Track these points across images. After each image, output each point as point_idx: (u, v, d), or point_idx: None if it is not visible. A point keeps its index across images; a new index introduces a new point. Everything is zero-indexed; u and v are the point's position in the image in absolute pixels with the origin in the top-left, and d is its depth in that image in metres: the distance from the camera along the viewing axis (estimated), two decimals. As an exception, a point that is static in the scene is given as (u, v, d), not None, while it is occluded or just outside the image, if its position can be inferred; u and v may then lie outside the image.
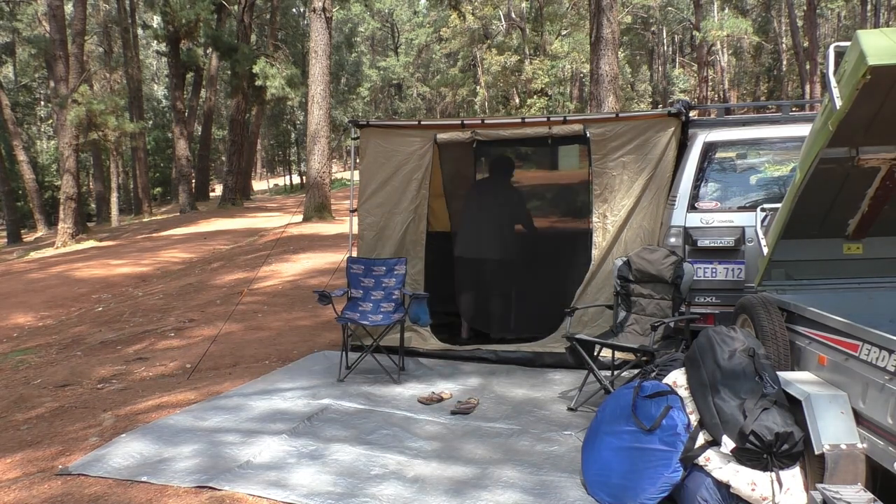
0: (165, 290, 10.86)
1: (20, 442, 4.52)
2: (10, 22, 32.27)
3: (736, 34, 33.71)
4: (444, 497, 3.47)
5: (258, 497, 3.45)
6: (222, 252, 14.80)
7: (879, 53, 2.78)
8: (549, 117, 5.81)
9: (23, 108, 38.53)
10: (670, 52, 47.85)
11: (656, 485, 3.18)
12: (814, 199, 3.75)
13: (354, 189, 6.60)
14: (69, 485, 3.67)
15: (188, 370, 6.04)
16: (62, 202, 20.26)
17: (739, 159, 5.60)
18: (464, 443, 4.20)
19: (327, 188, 17.65)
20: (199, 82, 31.25)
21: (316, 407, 4.80)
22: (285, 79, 23.84)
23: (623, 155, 5.59)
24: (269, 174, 55.37)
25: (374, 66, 47.83)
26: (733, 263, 5.06)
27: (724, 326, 3.48)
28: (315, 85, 16.32)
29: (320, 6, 16.05)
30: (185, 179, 27.53)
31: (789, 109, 5.75)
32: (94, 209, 33.17)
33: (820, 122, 3.30)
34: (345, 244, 10.04)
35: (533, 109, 30.07)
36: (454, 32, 34.33)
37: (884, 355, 2.81)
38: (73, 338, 8.14)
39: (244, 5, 26.40)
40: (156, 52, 41.09)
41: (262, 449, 4.03)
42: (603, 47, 11.45)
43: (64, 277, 12.96)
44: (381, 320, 5.64)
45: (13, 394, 5.81)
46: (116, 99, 22.02)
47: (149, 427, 4.47)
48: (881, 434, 2.82)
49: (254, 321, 7.84)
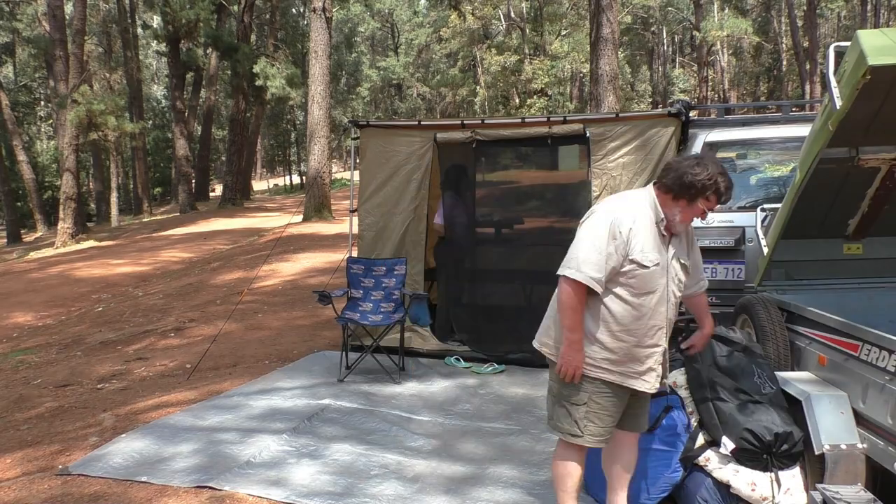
0: (165, 289, 10.86)
1: (20, 441, 4.52)
2: (10, 22, 32.27)
3: (736, 34, 33.71)
4: (443, 497, 3.48)
5: (258, 497, 3.45)
6: (222, 252, 14.80)
7: (879, 53, 2.78)
8: (549, 117, 5.81)
9: (23, 108, 38.54)
10: (670, 52, 47.86)
11: (656, 485, 3.18)
12: (814, 199, 3.75)
13: (354, 189, 6.60)
14: (69, 484, 3.67)
15: (188, 370, 6.04)
16: (62, 202, 20.27)
17: (739, 159, 5.61)
18: (463, 442, 4.20)
19: (327, 188, 17.65)
20: (199, 82, 31.24)
21: (316, 407, 4.80)
22: (286, 79, 23.83)
23: (623, 155, 5.58)
24: (269, 174, 55.35)
25: (373, 66, 47.80)
26: (733, 263, 5.06)
27: (722, 326, 3.48)
28: (315, 85, 16.32)
29: (320, 6, 16.04)
30: (185, 179, 27.53)
31: (789, 109, 5.75)
32: (94, 209, 33.19)
33: (820, 122, 3.30)
34: (344, 244, 10.04)
35: (533, 109, 30.06)
36: (454, 32, 34.30)
37: (884, 355, 2.81)
38: (73, 338, 8.14)
39: (244, 5, 26.39)
40: (156, 52, 41.09)
41: (261, 449, 4.03)
42: (603, 46, 11.46)
43: (64, 277, 12.96)
44: (380, 320, 5.64)
45: (13, 394, 5.81)
46: (116, 99, 22.03)
47: (149, 427, 4.47)
48: (881, 434, 2.82)
49: (253, 321, 7.83)
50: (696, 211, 2.69)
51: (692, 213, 2.69)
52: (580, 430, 2.75)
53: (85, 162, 33.55)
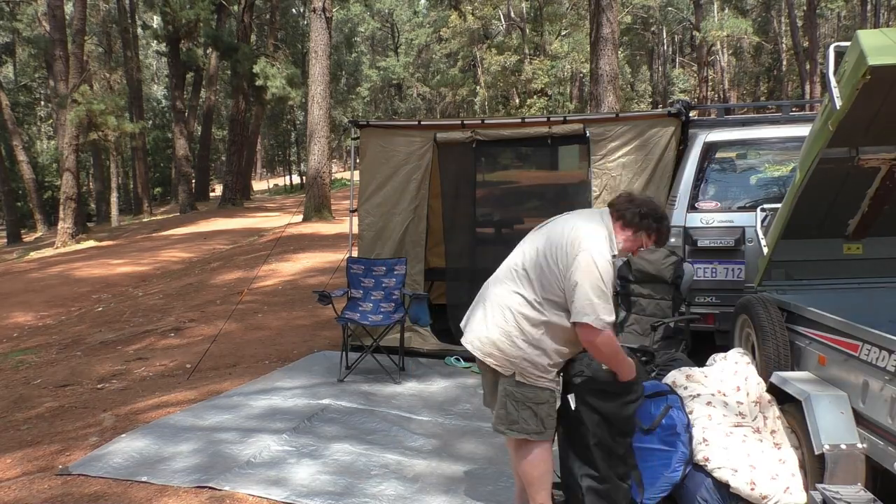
0: (165, 289, 10.86)
1: (20, 441, 4.53)
2: (10, 22, 32.25)
3: (736, 34, 33.70)
4: (443, 496, 3.48)
5: (258, 497, 3.46)
6: (222, 252, 14.80)
7: (879, 53, 2.78)
8: (549, 117, 5.81)
9: (23, 108, 38.53)
10: (670, 52, 47.84)
11: (656, 484, 3.18)
12: (814, 199, 3.75)
13: (354, 189, 6.60)
14: (69, 484, 3.67)
15: (188, 370, 6.04)
16: (62, 202, 20.26)
17: (739, 159, 5.60)
18: (463, 442, 4.20)
19: (327, 188, 17.65)
20: (199, 82, 31.24)
21: (316, 407, 4.80)
22: (286, 79, 23.82)
23: (623, 155, 5.59)
24: (269, 174, 55.33)
25: (373, 66, 47.77)
26: (733, 263, 5.06)
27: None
28: (315, 85, 16.32)
29: (320, 6, 16.05)
30: (185, 179, 27.53)
31: (789, 109, 5.75)
32: (94, 209, 33.18)
33: (820, 122, 3.30)
34: (344, 244, 10.03)
35: (533, 109, 30.04)
36: (454, 32, 34.27)
37: (884, 355, 2.81)
38: (73, 337, 8.14)
39: (244, 5, 26.38)
40: (156, 52, 41.09)
41: (261, 448, 4.03)
42: (603, 46, 11.46)
43: (64, 277, 12.96)
44: (381, 320, 5.64)
45: (13, 394, 5.81)
46: (116, 99, 22.03)
47: (149, 427, 4.47)
48: (881, 434, 2.82)
49: (253, 321, 7.83)
50: (638, 243, 2.96)
51: (634, 244, 2.96)
52: (545, 426, 2.94)
53: (85, 162, 33.55)
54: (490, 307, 2.98)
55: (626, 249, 2.96)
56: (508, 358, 2.88)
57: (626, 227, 2.92)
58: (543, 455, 2.99)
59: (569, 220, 2.95)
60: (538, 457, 2.98)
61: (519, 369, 2.88)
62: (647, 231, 2.93)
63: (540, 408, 2.92)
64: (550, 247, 2.87)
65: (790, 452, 3.16)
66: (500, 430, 2.99)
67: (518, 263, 2.97)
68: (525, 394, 2.91)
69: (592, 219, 2.95)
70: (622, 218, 2.92)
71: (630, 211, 2.91)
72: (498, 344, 2.90)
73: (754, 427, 3.28)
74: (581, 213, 3.06)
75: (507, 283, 2.97)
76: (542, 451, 2.99)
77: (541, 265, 2.87)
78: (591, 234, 2.84)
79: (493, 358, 2.92)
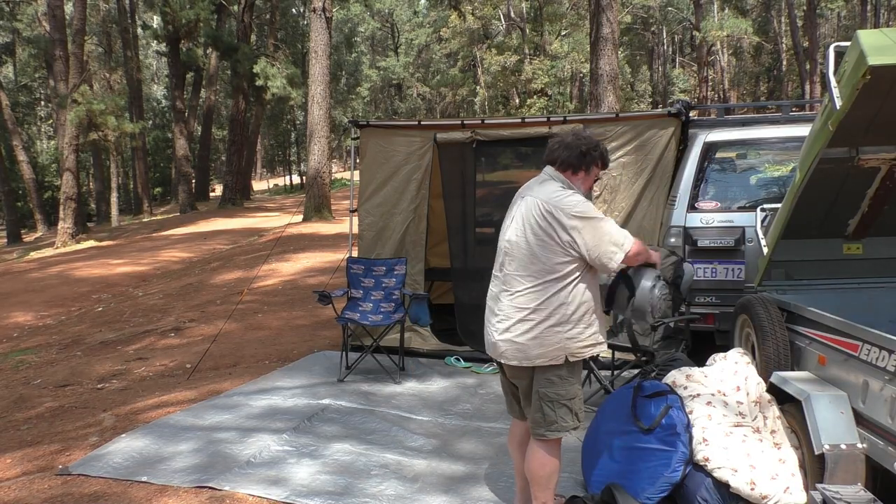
0: (165, 289, 10.86)
1: (20, 441, 4.53)
2: (10, 22, 32.27)
3: (736, 34, 33.70)
4: (443, 496, 3.48)
5: (258, 497, 3.45)
6: (222, 252, 14.81)
7: (879, 53, 2.78)
8: (549, 117, 5.81)
9: (23, 108, 38.54)
10: (670, 52, 47.84)
11: (655, 484, 3.18)
12: (814, 199, 3.75)
13: (354, 189, 6.60)
14: (69, 484, 3.67)
15: (188, 370, 6.04)
16: (62, 202, 20.27)
17: (739, 159, 5.60)
18: (463, 442, 4.20)
19: (327, 188, 17.66)
20: (199, 82, 31.25)
21: (316, 407, 4.80)
22: (286, 78, 23.84)
23: (623, 155, 5.58)
24: (269, 174, 55.35)
25: (373, 66, 47.80)
26: (733, 263, 5.06)
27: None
28: (315, 85, 16.32)
29: (320, 6, 16.05)
30: (185, 179, 27.53)
31: (789, 109, 5.75)
32: (94, 209, 33.18)
33: (820, 122, 3.30)
34: (344, 244, 10.04)
35: (533, 109, 30.06)
36: (454, 32, 34.31)
37: (884, 355, 2.81)
38: (73, 337, 8.15)
39: (244, 5, 26.39)
40: (156, 52, 41.10)
41: (261, 448, 4.03)
42: (602, 46, 11.46)
43: (64, 277, 12.96)
44: (381, 320, 5.64)
45: (13, 394, 5.81)
46: (116, 99, 22.03)
47: (149, 426, 4.47)
48: (881, 434, 2.82)
49: (253, 321, 7.84)
50: (593, 178, 3.06)
51: (590, 181, 3.05)
52: (579, 419, 3.01)
53: (85, 162, 33.55)
54: (503, 319, 2.97)
55: (587, 189, 3.05)
56: (551, 349, 2.88)
57: (577, 171, 3.00)
58: (553, 454, 3.01)
59: (530, 201, 2.97)
60: (548, 456, 2.99)
61: (569, 352, 2.90)
62: (594, 163, 3.02)
63: (573, 402, 2.97)
64: (534, 229, 2.89)
65: (790, 452, 3.16)
66: (539, 434, 2.99)
67: (505, 265, 3.00)
68: (557, 391, 2.93)
69: (547, 184, 3.00)
70: (570, 166, 2.99)
71: (572, 156, 2.98)
72: (533, 347, 2.90)
73: (754, 427, 3.28)
74: (531, 187, 3.07)
75: (505, 288, 2.98)
76: (552, 450, 3.00)
77: (534, 252, 2.88)
78: (561, 195, 2.90)
79: (541, 358, 2.91)
